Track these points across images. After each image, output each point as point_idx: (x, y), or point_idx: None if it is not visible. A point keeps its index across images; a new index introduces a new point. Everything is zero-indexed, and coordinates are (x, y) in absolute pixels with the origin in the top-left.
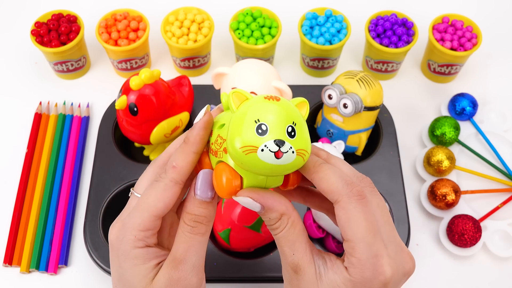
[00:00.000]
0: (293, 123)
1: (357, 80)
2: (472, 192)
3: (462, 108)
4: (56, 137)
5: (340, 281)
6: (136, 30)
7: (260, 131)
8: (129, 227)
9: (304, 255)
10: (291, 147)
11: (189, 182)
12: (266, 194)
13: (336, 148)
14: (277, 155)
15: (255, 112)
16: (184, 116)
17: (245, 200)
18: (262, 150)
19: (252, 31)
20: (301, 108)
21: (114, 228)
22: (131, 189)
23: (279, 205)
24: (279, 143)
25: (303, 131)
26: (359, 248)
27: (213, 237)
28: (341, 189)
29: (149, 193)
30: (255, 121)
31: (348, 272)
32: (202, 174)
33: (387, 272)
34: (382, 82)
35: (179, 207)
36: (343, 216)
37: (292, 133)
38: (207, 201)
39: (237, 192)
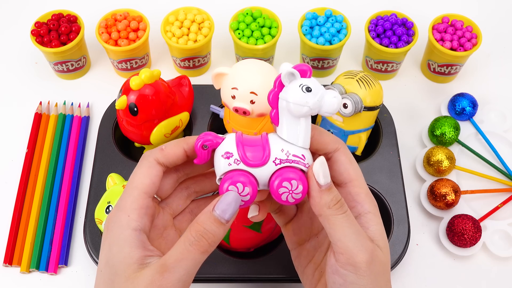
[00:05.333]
0: None
1: (357, 80)
2: (472, 192)
3: (462, 108)
4: (56, 137)
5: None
6: (136, 30)
7: (107, 210)
8: (122, 208)
9: None
10: None
11: (175, 175)
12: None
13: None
14: None
15: (111, 196)
16: (184, 116)
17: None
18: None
19: (252, 31)
20: None
21: (111, 212)
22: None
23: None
24: None
25: None
26: (362, 183)
27: None
28: (338, 139)
29: (135, 173)
30: (107, 202)
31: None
32: (228, 196)
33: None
34: (382, 82)
35: (176, 216)
36: (346, 159)
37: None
38: (221, 222)
39: None
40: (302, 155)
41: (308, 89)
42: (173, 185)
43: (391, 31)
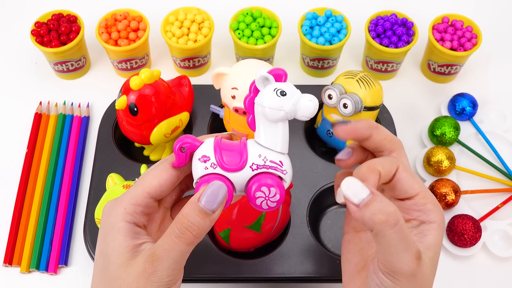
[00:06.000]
0: None
1: (357, 80)
2: (472, 192)
3: (462, 108)
4: (56, 137)
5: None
6: (136, 30)
7: None
8: (121, 200)
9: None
10: None
11: (187, 180)
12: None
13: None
14: None
15: (111, 195)
16: (184, 116)
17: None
18: None
19: (252, 31)
20: None
21: (108, 202)
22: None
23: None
24: None
25: None
26: (427, 194)
27: (213, 237)
28: (394, 159)
29: (146, 173)
30: None
31: (429, 221)
32: (213, 186)
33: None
34: (382, 82)
35: (173, 206)
36: (408, 175)
37: None
38: (207, 213)
39: None
40: (280, 161)
41: (283, 93)
42: (174, 184)
43: (391, 31)
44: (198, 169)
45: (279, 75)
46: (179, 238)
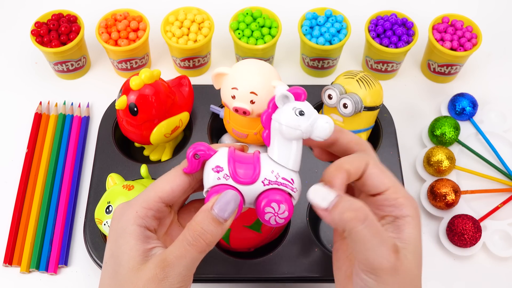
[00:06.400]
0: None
1: (357, 80)
2: (472, 192)
3: (462, 108)
4: (56, 137)
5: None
6: (136, 30)
7: (107, 210)
8: (133, 204)
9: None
10: None
11: (197, 185)
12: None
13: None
14: None
15: (111, 196)
16: (184, 116)
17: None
18: (104, 224)
19: (252, 31)
20: None
21: (120, 205)
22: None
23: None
24: None
25: None
26: (399, 188)
27: None
28: (363, 156)
29: (160, 178)
30: (107, 202)
31: (402, 214)
32: (227, 194)
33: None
34: (382, 82)
35: (180, 210)
36: (378, 171)
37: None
38: (219, 221)
39: None
40: (291, 179)
41: (301, 113)
42: (186, 190)
43: (391, 31)
44: (210, 179)
45: (299, 94)
46: (192, 245)
